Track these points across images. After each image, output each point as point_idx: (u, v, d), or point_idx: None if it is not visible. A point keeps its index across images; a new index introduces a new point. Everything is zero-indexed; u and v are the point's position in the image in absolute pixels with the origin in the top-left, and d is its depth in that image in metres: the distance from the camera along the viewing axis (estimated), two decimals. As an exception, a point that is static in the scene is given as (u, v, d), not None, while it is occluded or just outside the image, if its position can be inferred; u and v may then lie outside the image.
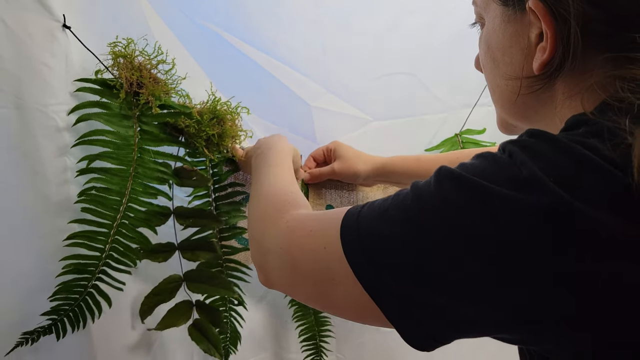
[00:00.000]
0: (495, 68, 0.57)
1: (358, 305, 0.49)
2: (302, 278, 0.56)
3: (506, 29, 0.54)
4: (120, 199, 0.79)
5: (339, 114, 1.12)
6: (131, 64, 0.78)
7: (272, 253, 0.60)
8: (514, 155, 0.42)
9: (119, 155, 0.78)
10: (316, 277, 0.53)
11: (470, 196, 0.41)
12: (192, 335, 0.90)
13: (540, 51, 0.49)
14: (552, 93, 0.51)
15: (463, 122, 1.20)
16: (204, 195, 0.92)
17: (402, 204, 0.46)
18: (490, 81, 0.60)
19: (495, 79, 0.58)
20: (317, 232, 0.54)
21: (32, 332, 0.76)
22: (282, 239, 0.59)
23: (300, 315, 1.10)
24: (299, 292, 0.60)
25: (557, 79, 0.49)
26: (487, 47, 0.58)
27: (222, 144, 0.87)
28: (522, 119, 0.58)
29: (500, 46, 0.55)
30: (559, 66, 0.48)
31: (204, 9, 0.97)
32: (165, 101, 0.81)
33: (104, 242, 0.78)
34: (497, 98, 0.59)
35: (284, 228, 0.60)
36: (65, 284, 0.76)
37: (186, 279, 0.91)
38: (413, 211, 0.45)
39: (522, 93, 0.53)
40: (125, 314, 0.88)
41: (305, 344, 1.11)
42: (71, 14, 0.76)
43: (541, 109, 0.53)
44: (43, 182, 0.75)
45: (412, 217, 0.44)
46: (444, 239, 0.42)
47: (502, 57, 0.55)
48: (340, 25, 1.09)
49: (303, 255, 0.55)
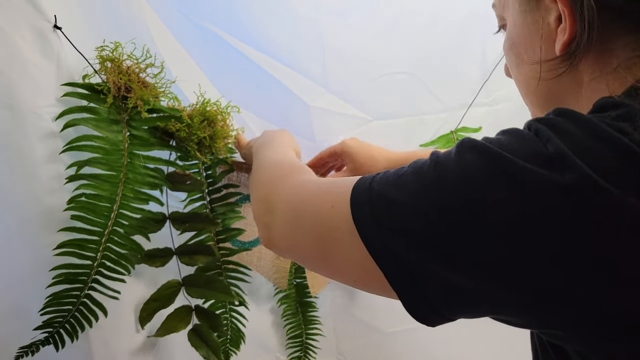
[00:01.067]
0: (521, 62, 0.56)
1: (360, 269, 0.47)
2: (303, 234, 0.55)
3: (525, 20, 0.53)
4: (111, 205, 0.77)
5: (338, 113, 1.11)
6: (119, 68, 0.77)
7: (278, 210, 0.59)
8: (540, 132, 0.40)
9: (108, 160, 0.77)
10: (318, 234, 0.52)
11: (493, 168, 0.39)
12: (191, 341, 0.90)
13: (561, 33, 0.49)
14: (577, 77, 0.50)
15: (464, 123, 1.19)
16: (199, 198, 0.91)
17: (418, 172, 0.44)
18: (518, 78, 0.59)
19: (521, 73, 0.57)
20: (326, 190, 0.53)
21: (30, 345, 0.75)
22: (290, 196, 0.58)
23: (289, 314, 1.10)
24: (299, 251, 0.58)
25: (581, 60, 0.49)
26: (511, 44, 0.57)
27: (214, 145, 0.86)
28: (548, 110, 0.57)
29: (522, 38, 0.55)
30: (580, 45, 0.47)
31: (202, 8, 0.96)
32: (154, 105, 0.80)
33: (95, 250, 0.77)
34: (526, 91, 0.58)
35: (291, 186, 0.59)
36: (56, 294, 0.76)
37: (185, 284, 0.90)
38: (430, 180, 0.42)
39: (546, 78, 0.53)
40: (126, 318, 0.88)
41: (291, 342, 1.10)
42: (67, 15, 0.76)
43: (567, 95, 0.52)
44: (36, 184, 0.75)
45: (428, 186, 0.42)
46: (461, 213, 0.40)
47: (525, 49, 0.55)
48: (340, 25, 1.08)
49: (308, 211, 0.54)
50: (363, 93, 1.12)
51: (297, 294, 1.10)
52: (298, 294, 1.10)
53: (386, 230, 0.44)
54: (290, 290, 1.09)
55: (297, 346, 1.11)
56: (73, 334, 0.78)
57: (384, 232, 0.44)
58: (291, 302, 1.10)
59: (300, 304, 1.10)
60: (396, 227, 0.43)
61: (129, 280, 0.82)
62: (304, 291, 1.10)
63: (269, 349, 1.10)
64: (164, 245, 0.88)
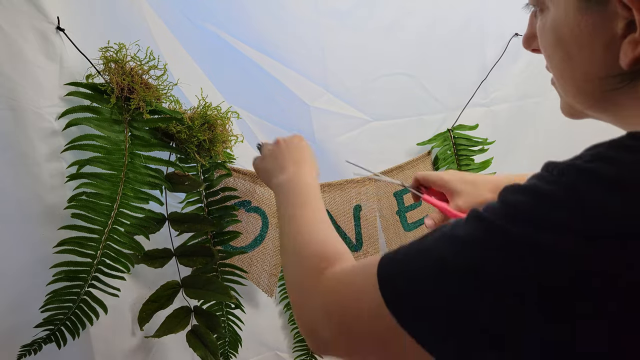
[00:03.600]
0: (569, 61, 0.51)
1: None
2: (359, 342, 0.52)
3: (584, 21, 0.47)
4: (111, 204, 0.78)
5: (338, 114, 1.12)
6: (122, 69, 0.77)
7: (319, 320, 0.56)
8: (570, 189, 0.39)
9: (109, 160, 0.78)
10: (373, 337, 0.50)
11: (516, 259, 0.39)
12: (190, 342, 0.90)
13: (630, 44, 0.43)
14: (638, 85, 0.46)
15: (462, 123, 1.20)
16: (197, 200, 0.91)
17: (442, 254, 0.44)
18: (560, 71, 0.54)
19: (568, 72, 0.52)
20: (363, 291, 0.50)
21: (32, 343, 0.76)
22: (328, 305, 0.55)
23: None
24: (363, 356, 0.55)
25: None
26: (557, 40, 0.52)
27: (214, 149, 0.86)
28: (599, 110, 0.53)
29: (577, 40, 0.49)
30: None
31: (203, 10, 0.97)
32: (156, 106, 0.81)
33: (95, 248, 0.78)
34: (569, 90, 0.54)
35: (326, 292, 0.56)
36: (57, 292, 0.76)
37: (184, 285, 0.90)
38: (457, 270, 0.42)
39: (604, 90, 0.48)
40: (125, 319, 0.88)
41: (298, 345, 1.11)
42: (70, 16, 0.77)
43: (622, 102, 0.48)
44: (38, 183, 0.75)
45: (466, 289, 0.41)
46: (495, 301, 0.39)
47: (579, 51, 0.49)
48: (340, 26, 1.09)
49: (355, 319, 0.52)
50: (362, 94, 1.13)
51: None
52: None
53: (428, 325, 0.44)
54: None
55: (303, 349, 1.12)
56: (74, 331, 0.78)
57: (428, 325, 0.44)
58: None
59: None
60: (436, 318, 0.43)
61: (128, 281, 0.83)
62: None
63: (269, 346, 1.11)
64: (163, 246, 0.88)
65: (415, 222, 1.17)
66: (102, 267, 0.79)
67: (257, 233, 1.03)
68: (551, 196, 0.40)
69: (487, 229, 0.42)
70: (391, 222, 1.16)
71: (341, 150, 1.10)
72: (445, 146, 1.19)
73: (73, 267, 0.77)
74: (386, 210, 1.15)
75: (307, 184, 0.76)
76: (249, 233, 1.01)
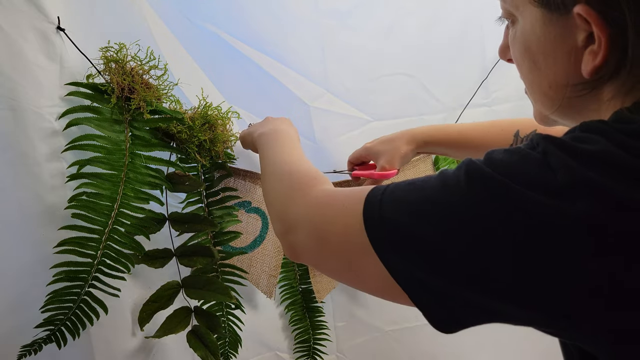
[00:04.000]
0: (536, 69, 0.55)
1: (385, 287, 0.49)
2: (330, 253, 0.56)
3: (548, 32, 0.51)
4: (111, 204, 0.78)
5: (338, 114, 1.12)
6: (123, 69, 0.77)
7: (301, 227, 0.60)
8: (548, 155, 0.42)
9: (110, 160, 0.78)
10: (344, 253, 0.53)
11: (503, 204, 0.42)
12: (190, 342, 0.90)
13: (590, 55, 0.47)
14: (599, 95, 0.49)
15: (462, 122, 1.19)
16: (197, 201, 0.91)
17: (431, 199, 0.46)
18: (529, 80, 0.58)
19: (535, 80, 0.56)
20: (349, 206, 0.53)
21: (32, 343, 0.76)
22: (312, 213, 0.59)
23: (297, 320, 1.11)
24: (326, 266, 0.60)
25: (606, 82, 0.48)
26: (525, 49, 0.55)
27: (214, 149, 0.86)
28: (563, 116, 0.56)
29: (542, 49, 0.53)
30: (612, 71, 0.46)
31: (203, 10, 0.97)
32: (156, 106, 0.81)
33: (95, 249, 0.78)
34: (537, 97, 0.57)
35: (313, 202, 0.60)
36: (57, 292, 0.76)
37: (184, 285, 0.90)
38: (444, 210, 0.45)
39: (568, 97, 0.52)
40: (125, 319, 0.88)
41: (299, 346, 1.11)
42: (69, 16, 0.77)
43: (585, 108, 0.52)
44: (38, 183, 0.75)
45: (445, 215, 0.45)
46: (474, 242, 0.42)
47: (545, 60, 0.53)
48: (340, 26, 1.09)
49: (333, 231, 0.55)
50: (363, 94, 1.13)
51: (303, 300, 1.11)
52: (304, 300, 1.11)
53: (406, 258, 0.46)
54: (297, 296, 1.11)
55: (304, 351, 1.12)
56: (74, 332, 0.78)
57: (404, 259, 0.47)
58: (298, 309, 1.11)
59: (307, 309, 1.11)
60: (416, 255, 0.46)
61: (128, 282, 0.83)
62: (310, 297, 1.11)
63: (269, 347, 1.11)
64: (163, 246, 0.88)
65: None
66: (102, 267, 0.79)
67: (257, 234, 1.03)
68: (529, 160, 0.43)
69: (467, 172, 0.45)
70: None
71: (341, 151, 1.09)
72: None
73: (73, 267, 0.77)
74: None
75: (288, 132, 0.82)
76: (249, 234, 1.02)
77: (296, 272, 1.11)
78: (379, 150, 0.98)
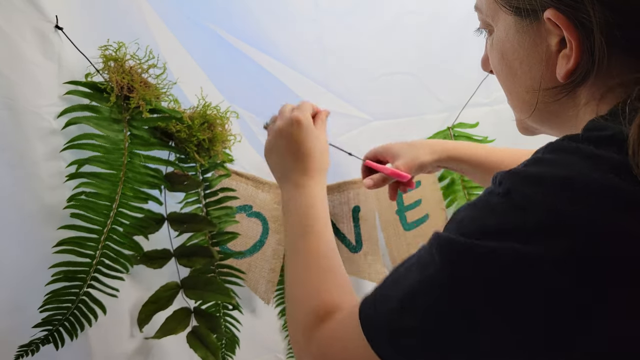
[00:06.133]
0: (513, 76, 0.56)
1: None
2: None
3: (522, 39, 0.52)
4: (110, 204, 0.78)
5: (339, 113, 1.11)
6: (122, 68, 0.77)
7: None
8: (512, 192, 0.42)
9: (108, 159, 0.77)
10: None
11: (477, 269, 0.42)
12: (190, 342, 0.90)
13: (563, 59, 0.48)
14: (575, 99, 0.50)
15: (465, 123, 1.19)
16: (195, 201, 0.91)
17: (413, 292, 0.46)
18: (507, 87, 0.59)
19: (513, 87, 0.57)
20: (349, 339, 0.53)
21: (30, 344, 0.75)
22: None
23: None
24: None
25: (580, 86, 0.49)
26: (502, 56, 0.56)
27: (213, 149, 0.86)
28: (543, 123, 0.57)
29: (517, 56, 0.54)
30: (585, 74, 0.47)
31: (203, 8, 0.96)
32: (155, 105, 0.80)
33: (94, 248, 0.77)
34: (516, 104, 0.59)
35: (315, 352, 0.60)
36: (55, 292, 0.76)
37: (184, 286, 0.90)
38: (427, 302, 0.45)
39: (543, 102, 0.53)
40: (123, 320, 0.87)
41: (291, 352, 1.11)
42: (68, 15, 0.76)
43: (563, 113, 0.52)
44: (37, 184, 0.75)
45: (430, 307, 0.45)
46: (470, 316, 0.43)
47: (520, 65, 0.54)
48: (340, 25, 1.08)
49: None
50: (363, 93, 1.12)
51: None
52: None
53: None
54: None
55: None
56: (73, 333, 0.78)
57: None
58: None
59: None
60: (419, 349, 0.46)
61: (126, 283, 0.82)
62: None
63: (269, 348, 1.10)
64: (161, 246, 0.87)
65: (415, 221, 1.17)
66: (101, 267, 0.78)
67: (257, 238, 1.02)
68: (494, 207, 0.43)
69: (438, 248, 0.45)
70: (390, 221, 1.15)
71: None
72: None
73: (72, 267, 0.76)
74: (385, 210, 1.15)
75: (311, 202, 0.75)
76: (249, 238, 1.01)
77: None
78: (398, 152, 0.94)
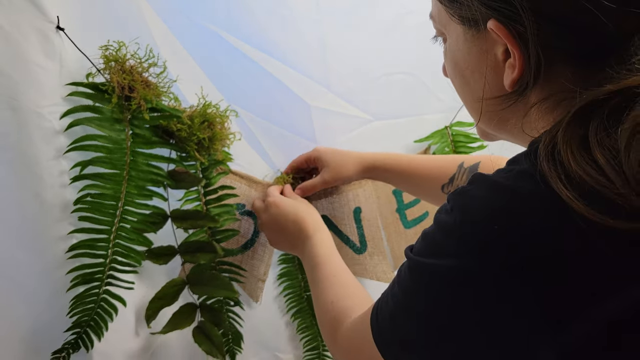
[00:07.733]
0: (466, 84, 0.57)
1: None
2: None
3: (471, 48, 0.53)
4: (116, 203, 0.79)
5: (339, 113, 1.11)
6: (122, 68, 0.77)
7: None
8: (454, 210, 0.47)
9: (112, 159, 0.78)
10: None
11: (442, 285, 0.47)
12: (195, 337, 0.91)
13: (509, 68, 0.49)
14: (525, 105, 0.51)
15: (463, 122, 1.19)
16: (195, 198, 0.92)
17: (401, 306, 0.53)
18: (462, 95, 0.60)
19: (467, 94, 0.58)
20: (364, 339, 0.59)
21: (62, 349, 0.76)
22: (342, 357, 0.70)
23: (304, 327, 1.11)
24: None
25: (530, 93, 0.50)
26: (454, 64, 0.58)
27: (213, 147, 0.87)
28: (498, 129, 0.58)
29: (468, 64, 0.55)
30: (531, 83, 0.48)
31: (203, 9, 0.96)
32: (156, 104, 0.81)
33: (105, 248, 0.79)
34: (472, 111, 0.60)
35: (340, 350, 0.69)
36: (79, 296, 0.77)
37: (189, 282, 0.91)
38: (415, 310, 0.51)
39: (496, 110, 0.54)
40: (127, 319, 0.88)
41: (308, 354, 1.12)
42: (68, 15, 0.76)
43: (515, 119, 0.53)
44: (40, 184, 0.75)
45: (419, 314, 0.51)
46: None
47: (472, 74, 0.55)
48: (341, 25, 1.08)
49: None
50: (364, 93, 1.12)
51: (309, 307, 1.11)
52: (310, 307, 1.10)
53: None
54: (302, 304, 1.11)
55: (314, 357, 1.12)
56: (99, 331, 0.80)
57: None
58: (305, 316, 1.11)
59: (314, 316, 1.11)
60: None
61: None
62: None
63: (268, 347, 1.10)
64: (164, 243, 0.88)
65: (415, 219, 1.17)
66: (115, 264, 0.80)
67: (248, 237, 1.04)
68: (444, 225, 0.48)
69: (409, 267, 0.52)
70: (391, 220, 1.16)
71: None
72: (443, 143, 1.19)
73: (87, 269, 0.78)
74: (385, 209, 1.15)
75: (316, 261, 0.85)
76: (240, 236, 1.02)
77: (301, 280, 1.11)
78: (328, 162, 1.01)
